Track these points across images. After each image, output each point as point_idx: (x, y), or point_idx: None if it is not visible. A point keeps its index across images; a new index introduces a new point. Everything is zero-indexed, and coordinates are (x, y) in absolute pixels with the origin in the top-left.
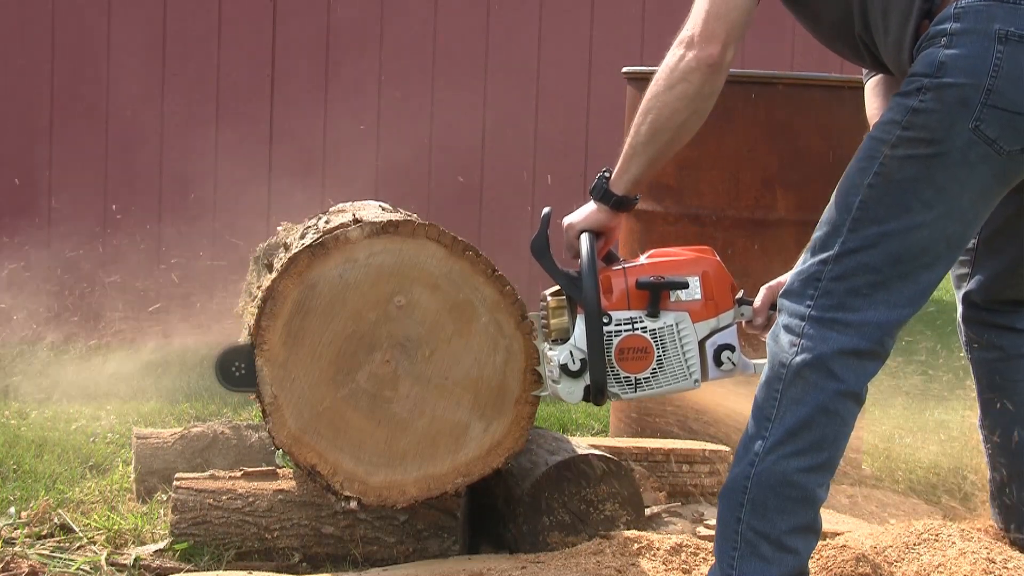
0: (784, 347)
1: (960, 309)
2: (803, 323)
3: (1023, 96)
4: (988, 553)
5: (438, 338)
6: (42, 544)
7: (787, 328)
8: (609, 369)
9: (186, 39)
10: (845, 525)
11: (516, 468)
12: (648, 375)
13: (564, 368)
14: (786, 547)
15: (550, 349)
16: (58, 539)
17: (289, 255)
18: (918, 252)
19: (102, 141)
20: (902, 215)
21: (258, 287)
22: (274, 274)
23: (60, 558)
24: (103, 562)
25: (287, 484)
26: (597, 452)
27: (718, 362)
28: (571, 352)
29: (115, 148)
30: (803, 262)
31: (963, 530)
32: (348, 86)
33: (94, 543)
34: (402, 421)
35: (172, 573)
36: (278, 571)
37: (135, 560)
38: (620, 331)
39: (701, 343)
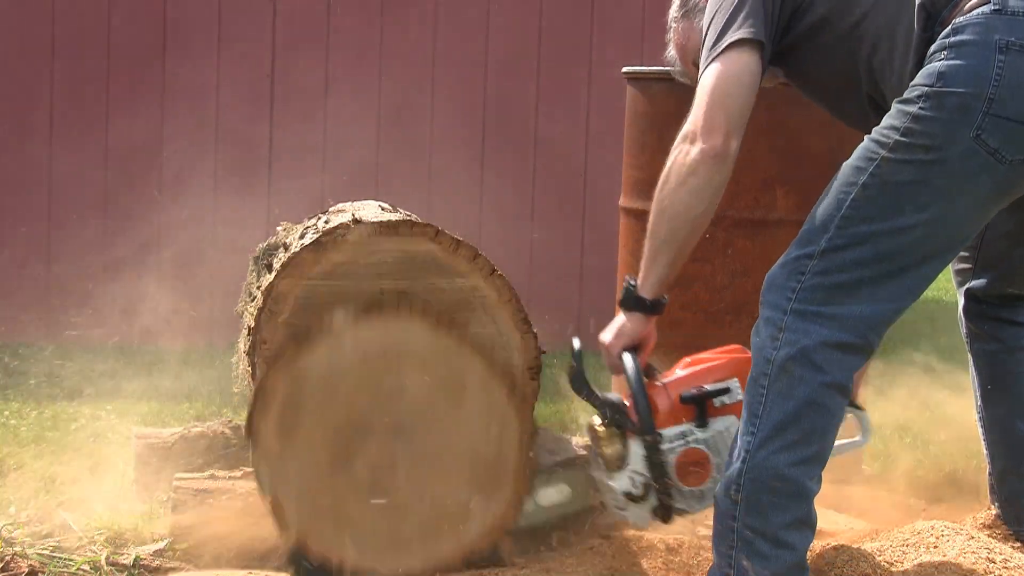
0: (766, 342)
1: (961, 302)
2: (784, 316)
3: None
4: (988, 553)
5: (432, 417)
6: (42, 544)
7: (768, 321)
8: (673, 488)
9: (186, 39)
10: (845, 525)
11: None
12: (710, 485)
13: (628, 495)
14: (783, 542)
15: (608, 478)
16: (58, 539)
17: (275, 350)
18: (906, 252)
19: (102, 141)
20: (894, 216)
21: (257, 287)
22: (263, 368)
23: (60, 558)
24: (103, 562)
25: None
26: None
27: None
28: (631, 478)
29: (115, 147)
30: (787, 255)
31: (963, 529)
32: (347, 86)
33: (94, 543)
34: (403, 507)
35: (172, 573)
36: (278, 571)
37: (135, 560)
38: (675, 448)
39: None
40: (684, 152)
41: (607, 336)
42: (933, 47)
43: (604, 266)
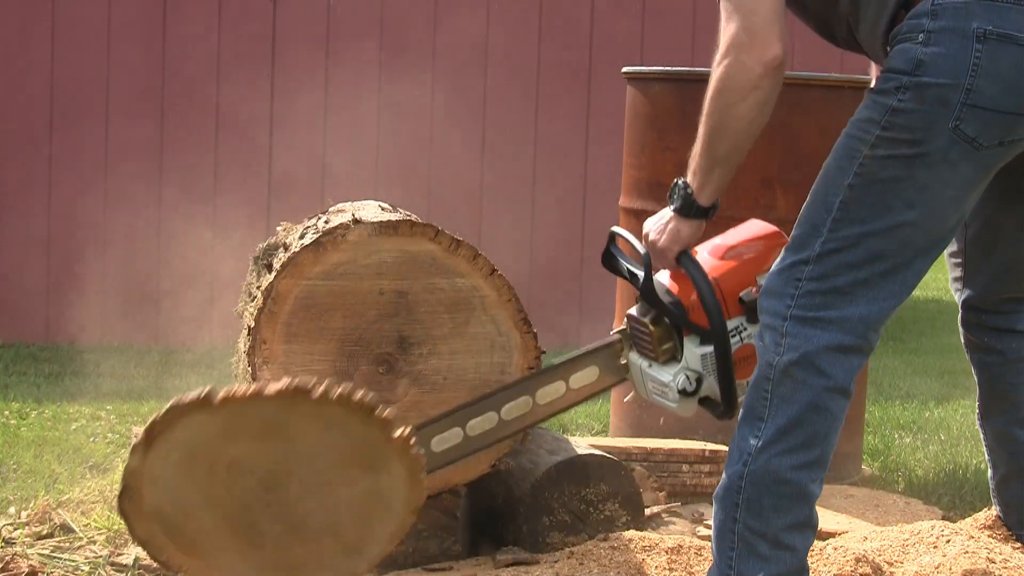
0: (770, 347)
1: (960, 313)
2: (785, 323)
3: (1002, 94)
4: (988, 553)
5: (288, 454)
6: (42, 544)
7: (770, 328)
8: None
9: (186, 38)
10: (845, 525)
11: (516, 468)
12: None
13: (683, 391)
14: (783, 544)
15: (649, 366)
16: (58, 539)
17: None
18: (899, 249)
19: (102, 141)
20: (884, 215)
21: (257, 287)
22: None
23: (60, 558)
24: (103, 562)
25: None
26: (597, 452)
27: None
28: (686, 375)
29: (115, 148)
30: (781, 261)
31: (963, 530)
32: (348, 85)
33: (94, 543)
34: (329, 526)
35: (172, 573)
36: None
37: (135, 560)
38: (733, 345)
39: None
40: (738, 65)
41: (661, 240)
42: (908, 23)
43: None
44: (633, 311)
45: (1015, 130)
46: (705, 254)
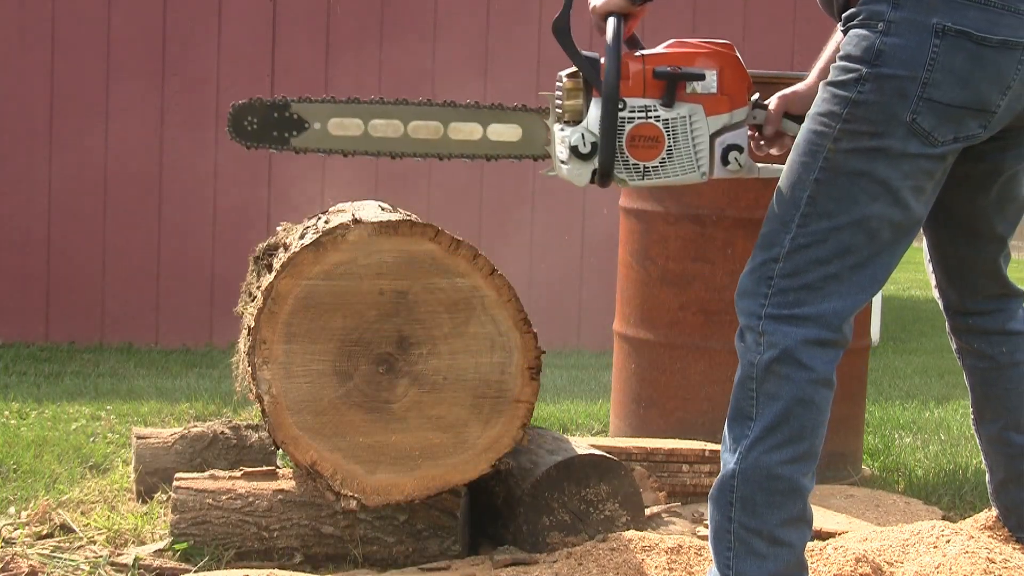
0: (750, 346)
1: (947, 322)
2: (760, 321)
3: (956, 89)
4: (988, 553)
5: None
6: (42, 544)
7: (747, 328)
8: (619, 154)
9: (186, 39)
10: (845, 525)
11: (516, 468)
12: (657, 164)
13: (574, 150)
14: (779, 540)
15: (561, 130)
16: (58, 539)
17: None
18: (867, 243)
19: (102, 141)
20: (850, 208)
21: (257, 287)
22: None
23: (60, 558)
24: (103, 562)
25: (287, 484)
26: (597, 452)
27: (725, 161)
28: (583, 135)
29: (115, 148)
30: (752, 260)
31: (963, 530)
32: (347, 85)
33: (94, 543)
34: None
35: (172, 573)
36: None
37: (135, 560)
38: (633, 118)
39: (711, 138)
40: None
41: (594, 2)
42: (868, 11)
43: (604, 266)
44: (561, 72)
45: (968, 125)
46: (661, 45)
